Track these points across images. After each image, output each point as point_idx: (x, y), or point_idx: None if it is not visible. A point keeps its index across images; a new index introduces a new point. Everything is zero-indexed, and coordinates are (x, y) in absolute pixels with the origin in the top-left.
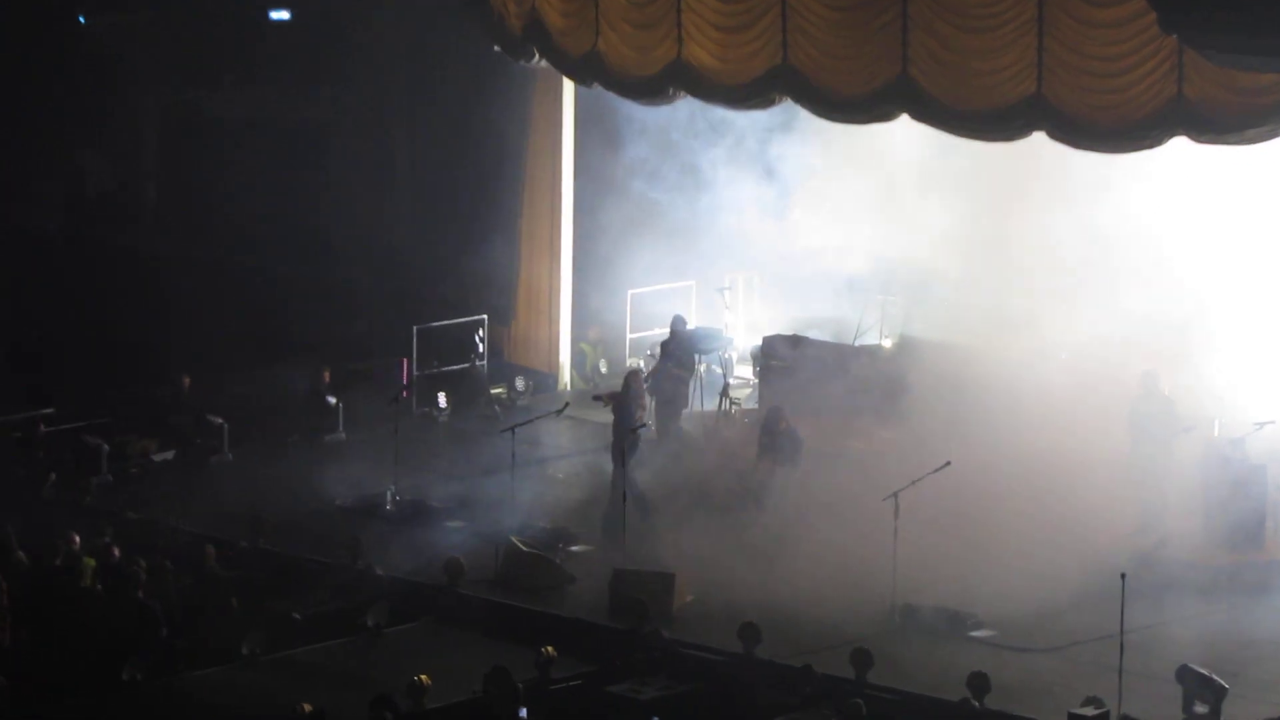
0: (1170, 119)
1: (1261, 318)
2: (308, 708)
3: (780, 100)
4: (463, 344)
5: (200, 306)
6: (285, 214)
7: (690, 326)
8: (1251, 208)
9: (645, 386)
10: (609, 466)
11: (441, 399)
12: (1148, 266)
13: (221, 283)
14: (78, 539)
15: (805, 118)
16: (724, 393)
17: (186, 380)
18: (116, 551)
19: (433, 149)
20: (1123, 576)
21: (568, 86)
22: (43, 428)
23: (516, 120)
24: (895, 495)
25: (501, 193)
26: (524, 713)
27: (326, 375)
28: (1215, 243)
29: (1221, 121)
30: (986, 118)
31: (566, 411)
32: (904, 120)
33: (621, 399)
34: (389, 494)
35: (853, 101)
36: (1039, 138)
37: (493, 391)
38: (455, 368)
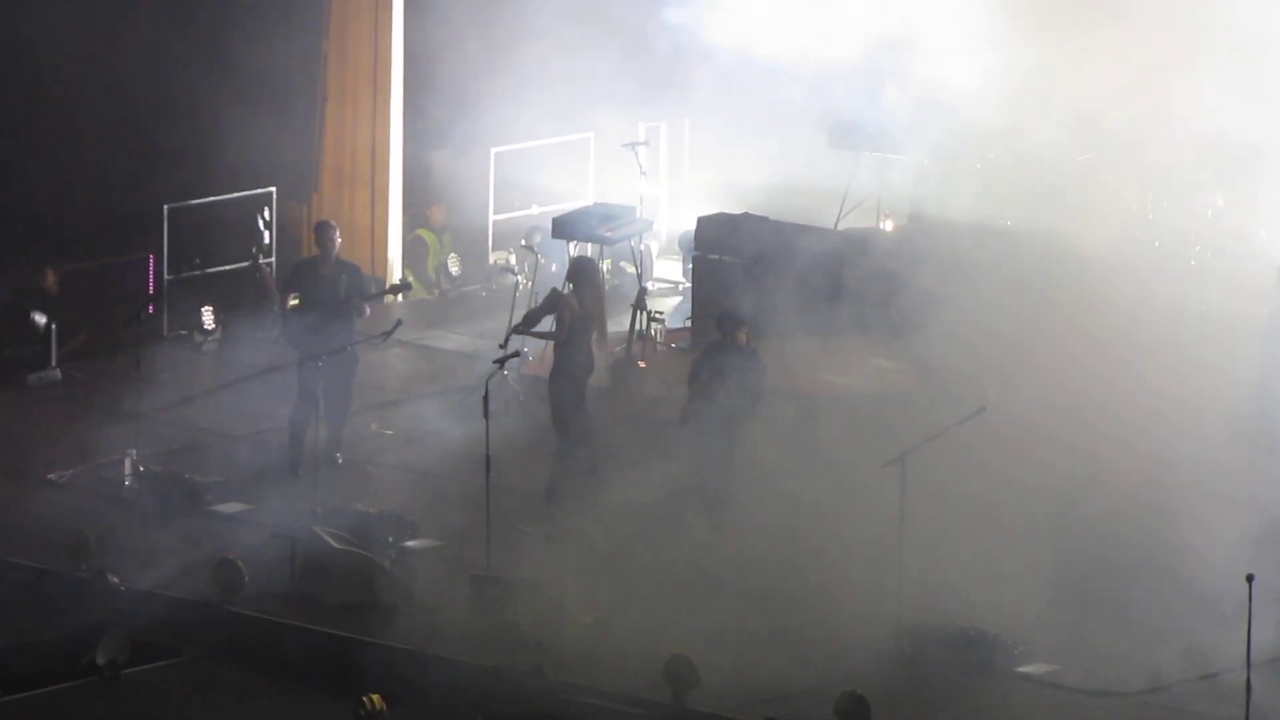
0: None
1: None
2: None
3: None
4: (239, 231)
5: None
6: None
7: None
8: None
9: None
10: (465, 417)
11: (207, 316)
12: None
13: None
14: None
15: None
16: (638, 303)
17: None
18: None
19: None
20: (1249, 579)
21: None
22: None
23: None
24: (902, 458)
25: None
26: None
27: (50, 278)
28: None
29: None
30: None
31: (397, 333)
32: None
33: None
34: (129, 463)
35: None
36: None
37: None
38: (228, 268)
